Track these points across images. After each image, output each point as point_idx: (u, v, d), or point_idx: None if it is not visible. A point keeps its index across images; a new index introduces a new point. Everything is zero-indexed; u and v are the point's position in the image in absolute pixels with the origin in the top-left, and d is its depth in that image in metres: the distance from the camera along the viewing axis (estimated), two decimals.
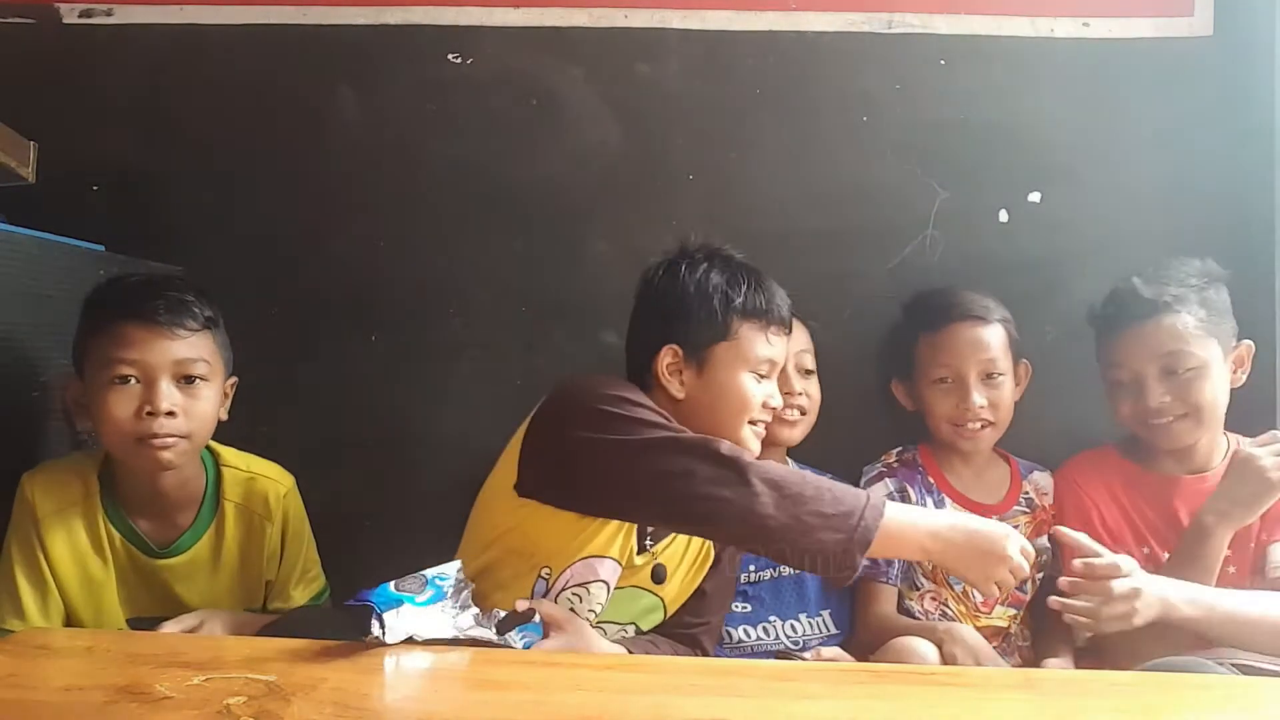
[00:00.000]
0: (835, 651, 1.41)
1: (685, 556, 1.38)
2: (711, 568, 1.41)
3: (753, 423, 1.32)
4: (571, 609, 1.29)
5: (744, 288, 1.33)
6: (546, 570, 1.30)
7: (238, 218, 1.76)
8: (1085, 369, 1.72)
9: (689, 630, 1.41)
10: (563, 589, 1.29)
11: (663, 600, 1.38)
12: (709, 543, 1.39)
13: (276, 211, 1.76)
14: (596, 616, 1.32)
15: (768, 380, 1.34)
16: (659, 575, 1.35)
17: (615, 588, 1.32)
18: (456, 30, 1.77)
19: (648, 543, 1.33)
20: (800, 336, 1.60)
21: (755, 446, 1.33)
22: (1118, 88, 1.75)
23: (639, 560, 1.33)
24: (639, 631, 1.38)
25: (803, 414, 1.60)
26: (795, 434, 1.60)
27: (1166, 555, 1.50)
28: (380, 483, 1.72)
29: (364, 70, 1.77)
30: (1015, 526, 1.56)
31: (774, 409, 1.35)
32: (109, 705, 0.87)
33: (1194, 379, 1.45)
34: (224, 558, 1.39)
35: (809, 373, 1.62)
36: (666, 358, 1.32)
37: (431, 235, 1.76)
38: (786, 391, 1.54)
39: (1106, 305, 1.53)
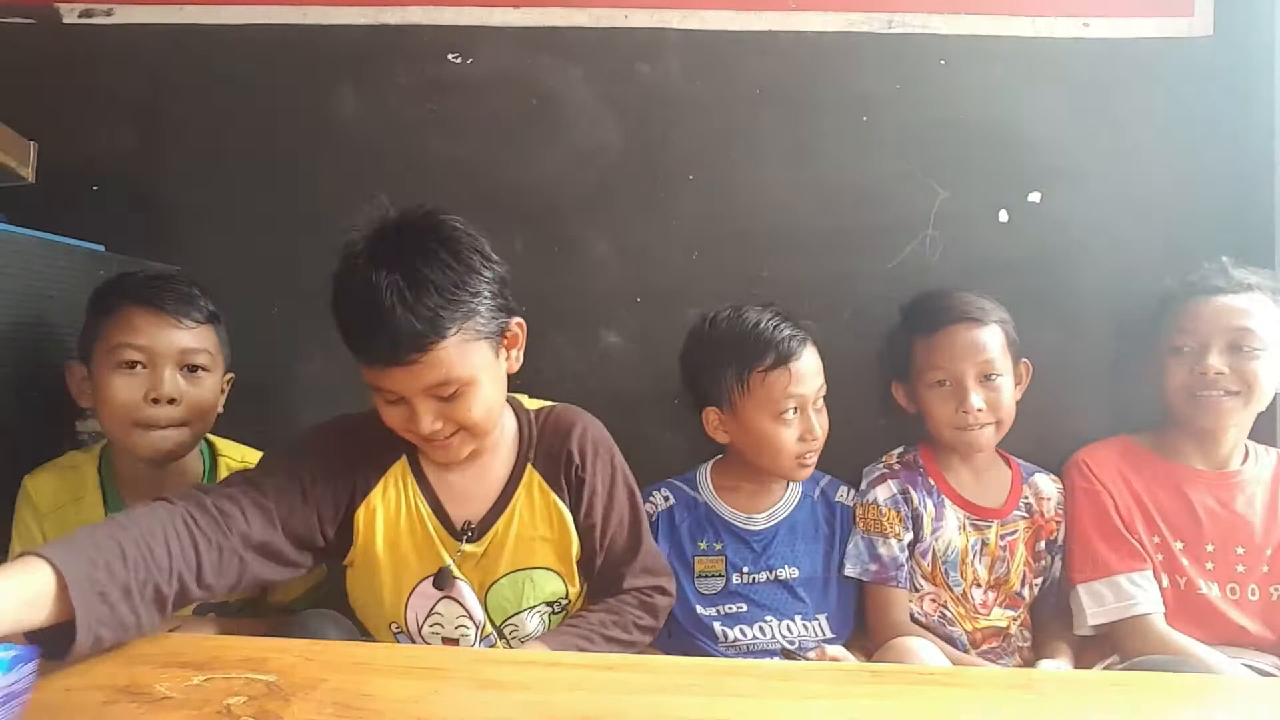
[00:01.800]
0: (839, 650, 1.40)
1: (515, 524, 1.29)
2: (588, 524, 1.31)
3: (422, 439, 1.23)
4: (446, 639, 1.28)
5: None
6: (395, 625, 1.30)
7: (238, 218, 1.76)
8: (1085, 369, 1.72)
9: (630, 585, 1.35)
10: (418, 629, 1.29)
11: (556, 571, 1.31)
12: (549, 502, 1.30)
13: (276, 211, 1.76)
14: (478, 625, 1.28)
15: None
16: (468, 536, 1.27)
17: (489, 584, 1.28)
18: (456, 30, 1.77)
19: (469, 535, 1.27)
20: (818, 367, 1.54)
21: (440, 456, 1.25)
22: (1118, 88, 1.75)
23: (471, 548, 1.27)
24: (562, 608, 1.33)
25: (817, 453, 1.55)
26: (807, 473, 1.57)
27: (1179, 544, 1.51)
28: None
29: (364, 70, 1.77)
30: (1014, 533, 1.57)
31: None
32: (109, 705, 0.87)
33: (1255, 359, 1.48)
34: None
35: (818, 401, 1.54)
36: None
37: None
38: (811, 437, 1.52)
39: (1189, 275, 1.56)
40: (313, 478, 1.21)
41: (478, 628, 1.29)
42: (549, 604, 1.33)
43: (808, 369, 1.52)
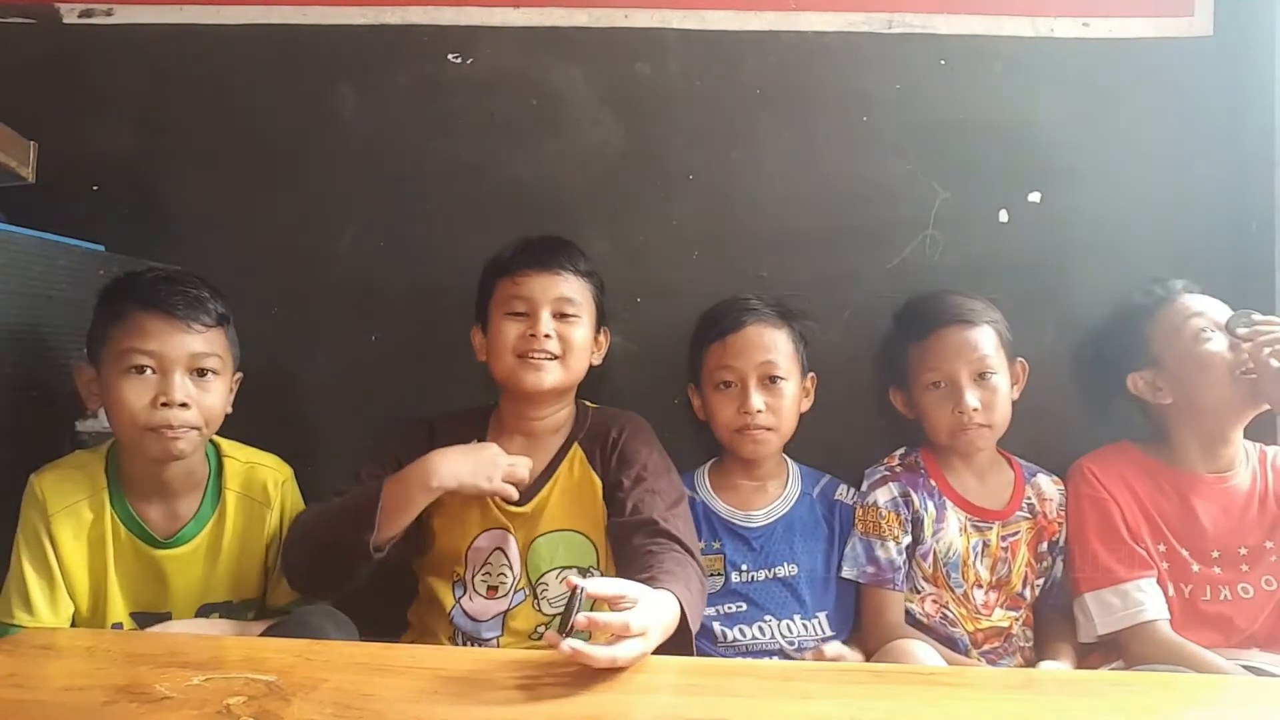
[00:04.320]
0: (837, 648, 1.40)
1: (556, 491, 1.49)
2: (616, 480, 1.46)
3: (522, 355, 1.46)
4: (490, 587, 1.47)
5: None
6: (455, 573, 1.48)
7: (237, 217, 1.76)
8: (1085, 369, 1.72)
9: (659, 527, 1.37)
10: (472, 576, 1.47)
11: (588, 537, 1.48)
12: (586, 474, 1.49)
13: (276, 211, 1.76)
14: (515, 576, 1.46)
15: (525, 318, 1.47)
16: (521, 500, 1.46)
17: (530, 540, 1.46)
18: (456, 30, 1.77)
19: (519, 499, 1.45)
20: (767, 343, 1.56)
21: (530, 378, 1.46)
22: (1118, 88, 1.75)
23: (518, 509, 1.46)
24: (583, 573, 1.47)
25: (769, 430, 1.55)
26: (762, 450, 1.57)
27: (1185, 551, 1.51)
28: None
29: (364, 70, 1.77)
30: (1016, 534, 1.57)
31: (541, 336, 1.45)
32: (109, 705, 0.88)
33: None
34: (225, 546, 1.42)
35: (776, 381, 1.55)
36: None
37: (431, 235, 1.76)
38: (744, 410, 1.54)
39: (1155, 288, 1.61)
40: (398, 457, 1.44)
41: (514, 579, 1.46)
42: (581, 571, 1.47)
43: (746, 343, 1.56)
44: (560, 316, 1.48)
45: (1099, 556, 1.53)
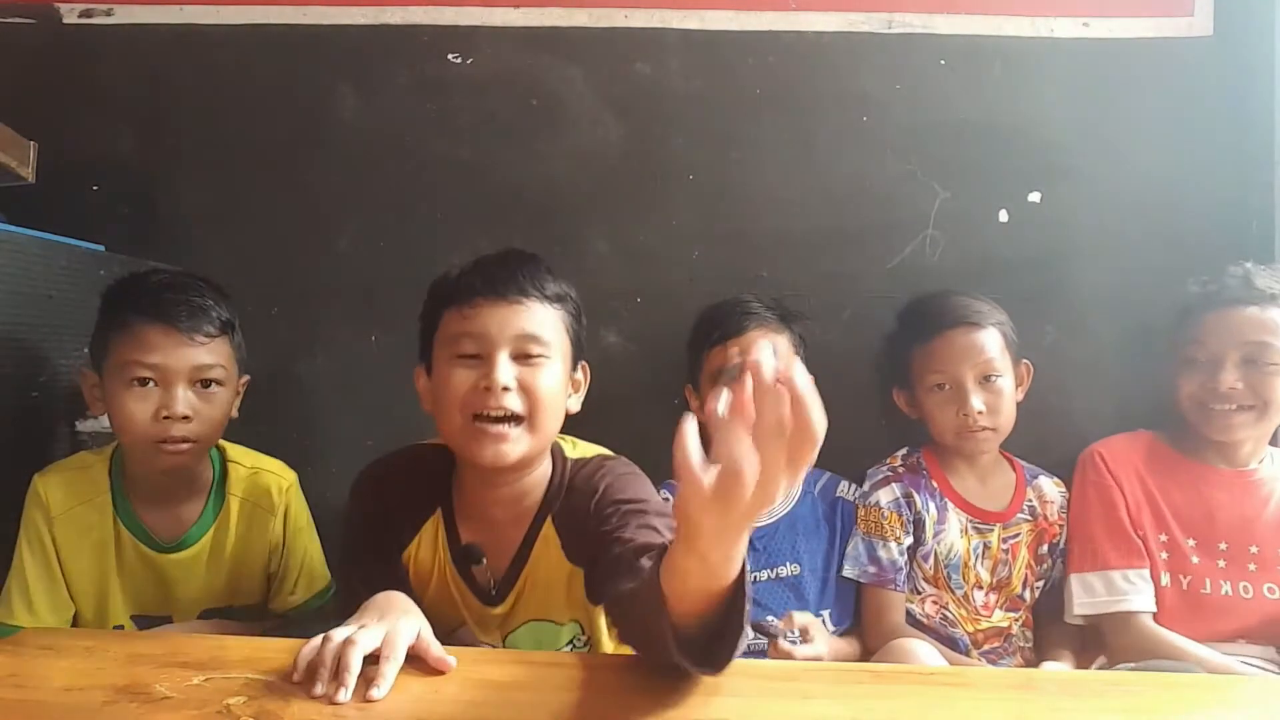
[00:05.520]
0: (806, 618, 1.38)
1: (532, 582, 1.24)
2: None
3: (478, 416, 1.15)
4: None
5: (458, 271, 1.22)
6: None
7: (238, 217, 1.76)
8: (1086, 369, 1.72)
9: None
10: None
11: (574, 619, 1.25)
12: (562, 559, 1.22)
13: (276, 211, 1.77)
14: None
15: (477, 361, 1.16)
16: (493, 598, 1.24)
17: (506, 633, 1.26)
18: (456, 30, 1.77)
19: (493, 594, 1.24)
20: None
21: (487, 452, 1.15)
22: (1118, 88, 1.75)
23: (498, 610, 1.24)
24: (584, 644, 1.29)
25: None
26: None
27: (1191, 542, 1.50)
28: None
29: (364, 70, 1.77)
30: (1017, 535, 1.57)
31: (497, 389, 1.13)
32: (109, 705, 0.87)
33: (1273, 374, 1.44)
34: (228, 552, 1.41)
35: None
36: None
37: (431, 235, 1.76)
38: None
39: (1209, 284, 1.52)
40: (388, 546, 1.25)
41: None
42: (567, 642, 1.30)
43: (747, 347, 1.51)
44: (523, 358, 1.15)
45: (1092, 540, 1.53)
